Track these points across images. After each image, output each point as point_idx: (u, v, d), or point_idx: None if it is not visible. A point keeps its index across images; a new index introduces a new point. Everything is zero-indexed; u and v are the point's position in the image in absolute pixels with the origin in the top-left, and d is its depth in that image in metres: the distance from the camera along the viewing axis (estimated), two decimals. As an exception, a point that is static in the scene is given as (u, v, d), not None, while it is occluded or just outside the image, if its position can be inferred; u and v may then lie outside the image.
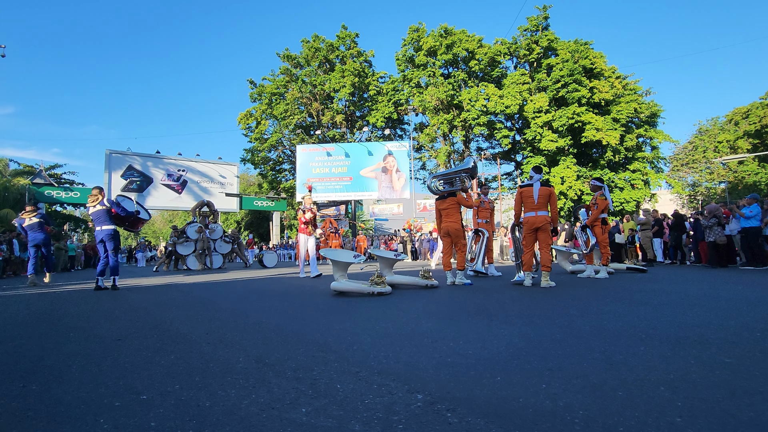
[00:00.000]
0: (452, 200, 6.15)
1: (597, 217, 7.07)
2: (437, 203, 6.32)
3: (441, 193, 6.33)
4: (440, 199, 6.29)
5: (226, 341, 2.57)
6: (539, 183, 5.70)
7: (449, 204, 6.15)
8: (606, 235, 7.31)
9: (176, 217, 54.91)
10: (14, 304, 4.91)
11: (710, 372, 1.75)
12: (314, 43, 28.81)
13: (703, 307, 3.48)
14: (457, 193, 6.17)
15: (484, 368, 1.88)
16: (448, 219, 6.13)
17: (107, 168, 24.17)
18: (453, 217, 6.12)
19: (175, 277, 9.93)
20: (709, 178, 33.01)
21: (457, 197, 6.14)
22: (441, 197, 6.29)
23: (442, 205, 6.22)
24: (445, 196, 6.22)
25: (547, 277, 5.40)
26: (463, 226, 6.27)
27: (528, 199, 5.68)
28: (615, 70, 25.55)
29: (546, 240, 5.59)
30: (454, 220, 6.11)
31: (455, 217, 6.12)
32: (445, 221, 6.16)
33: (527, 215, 5.69)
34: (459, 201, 6.12)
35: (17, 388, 1.76)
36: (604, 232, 7.24)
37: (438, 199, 6.33)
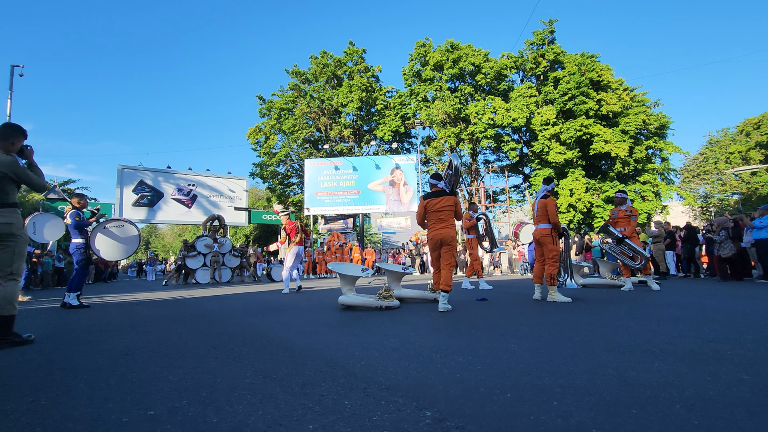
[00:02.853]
0: (449, 201, 4.85)
1: (634, 229, 6.95)
2: (429, 202, 4.90)
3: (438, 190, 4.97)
4: (433, 197, 4.91)
5: (234, 356, 2.56)
6: (541, 195, 5.64)
7: (444, 205, 4.83)
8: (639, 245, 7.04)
9: (186, 231, 55.38)
10: (25, 319, 4.96)
11: (727, 389, 1.70)
12: (322, 59, 29.30)
13: (719, 321, 3.40)
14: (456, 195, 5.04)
15: (494, 384, 1.85)
16: (441, 224, 4.83)
17: (119, 183, 24.55)
18: (448, 222, 4.85)
19: (184, 291, 9.98)
20: (721, 189, 32.56)
21: (455, 199, 4.92)
22: (434, 195, 4.92)
23: (436, 205, 4.84)
24: (439, 195, 4.90)
25: (554, 292, 5.27)
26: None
27: (532, 212, 5.74)
28: (622, 83, 25.55)
29: (548, 253, 5.44)
30: (449, 225, 4.85)
31: (450, 222, 4.87)
32: (438, 227, 4.84)
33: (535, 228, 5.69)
34: (456, 205, 4.90)
35: (27, 402, 1.77)
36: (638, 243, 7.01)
37: (430, 197, 4.94)
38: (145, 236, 79.58)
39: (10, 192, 3.15)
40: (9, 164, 3.11)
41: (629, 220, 7.01)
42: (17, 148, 3.27)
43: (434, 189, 4.96)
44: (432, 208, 4.86)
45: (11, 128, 3.26)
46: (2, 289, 3.08)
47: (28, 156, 3.37)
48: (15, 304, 3.12)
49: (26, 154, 3.36)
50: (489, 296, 6.21)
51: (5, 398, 1.83)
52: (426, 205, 4.91)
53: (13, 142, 3.23)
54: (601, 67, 24.67)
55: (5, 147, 3.18)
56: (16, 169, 3.14)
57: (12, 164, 3.12)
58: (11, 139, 3.22)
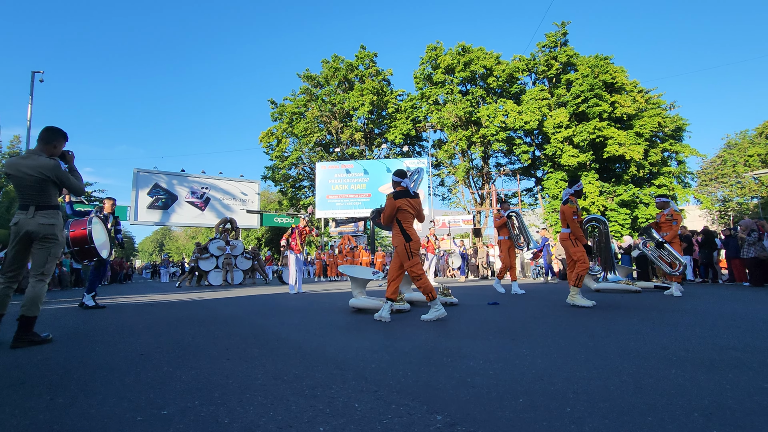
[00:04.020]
0: (418, 203, 4.45)
1: (676, 233, 6.81)
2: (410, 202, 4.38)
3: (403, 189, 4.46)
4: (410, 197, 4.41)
5: (246, 357, 2.58)
6: (566, 198, 5.56)
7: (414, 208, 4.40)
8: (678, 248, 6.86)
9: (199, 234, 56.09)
10: (44, 319, 5.06)
11: (748, 398, 1.66)
12: (334, 63, 29.50)
13: (738, 327, 3.32)
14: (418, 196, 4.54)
15: (505, 389, 1.83)
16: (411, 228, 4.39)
17: (134, 186, 24.99)
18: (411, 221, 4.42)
19: (197, 293, 10.09)
20: (740, 193, 31.80)
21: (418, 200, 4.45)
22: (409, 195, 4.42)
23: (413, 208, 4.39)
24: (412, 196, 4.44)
25: (575, 294, 5.16)
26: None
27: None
28: (637, 84, 25.17)
29: (572, 255, 5.42)
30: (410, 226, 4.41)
31: (396, 227, 4.40)
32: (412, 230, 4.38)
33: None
34: (416, 207, 4.42)
35: (45, 400, 1.81)
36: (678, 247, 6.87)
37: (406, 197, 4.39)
38: (159, 238, 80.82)
39: (53, 195, 3.24)
40: (53, 168, 3.19)
41: (671, 225, 6.84)
42: (59, 152, 3.35)
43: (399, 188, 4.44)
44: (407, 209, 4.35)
45: (54, 132, 3.32)
46: (31, 289, 3.17)
47: (69, 161, 3.46)
48: (39, 306, 3.21)
49: (68, 158, 3.44)
50: (500, 299, 6.15)
51: (24, 396, 1.88)
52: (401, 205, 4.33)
53: (56, 145, 3.32)
54: (615, 69, 24.34)
55: (48, 150, 3.27)
56: (59, 172, 3.22)
57: (55, 168, 3.20)
58: (54, 142, 3.30)
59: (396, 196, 4.34)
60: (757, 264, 9.07)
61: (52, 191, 3.21)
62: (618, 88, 24.11)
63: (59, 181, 3.21)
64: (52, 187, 3.20)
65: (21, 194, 3.15)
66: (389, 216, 4.38)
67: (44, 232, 3.13)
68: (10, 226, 3.16)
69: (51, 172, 3.17)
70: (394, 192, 4.43)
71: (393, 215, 4.35)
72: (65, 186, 3.25)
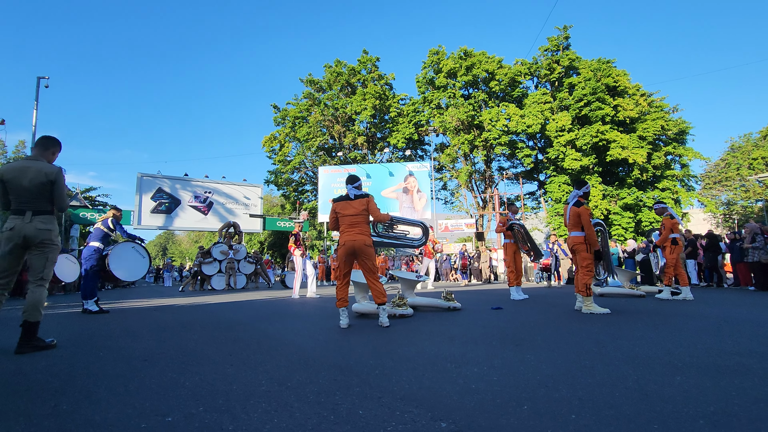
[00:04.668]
0: (362, 204, 4.35)
1: (666, 238, 6.95)
2: (340, 205, 4.41)
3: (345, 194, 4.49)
4: (344, 200, 4.44)
5: (249, 363, 2.58)
6: (573, 201, 5.37)
7: (358, 209, 4.34)
8: (675, 255, 6.95)
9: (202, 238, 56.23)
10: (48, 324, 5.08)
11: (753, 404, 1.64)
12: (336, 67, 29.61)
13: (744, 333, 3.30)
14: (370, 196, 4.43)
15: (510, 396, 1.82)
16: (354, 230, 4.29)
17: (138, 190, 25.10)
18: (360, 227, 4.31)
19: (200, 297, 10.11)
20: (744, 196, 31.64)
21: (368, 199, 4.39)
22: (346, 198, 4.45)
23: (347, 210, 4.35)
24: (352, 198, 4.41)
25: (589, 303, 4.97)
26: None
27: (564, 218, 5.50)
28: (639, 88, 25.14)
29: (581, 262, 5.18)
30: (363, 231, 4.32)
31: (363, 229, 4.33)
32: (350, 233, 4.29)
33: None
34: (370, 208, 4.34)
35: (49, 407, 1.81)
36: (673, 252, 6.94)
37: (341, 200, 4.46)
38: (162, 242, 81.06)
39: (49, 200, 3.27)
40: (57, 173, 3.26)
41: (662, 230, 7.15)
42: (55, 159, 3.44)
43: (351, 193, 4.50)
44: (343, 212, 4.39)
45: (51, 140, 3.42)
46: (31, 295, 3.18)
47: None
48: (41, 310, 3.22)
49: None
50: (503, 305, 6.13)
51: (29, 402, 1.88)
52: (335, 209, 4.44)
53: (54, 152, 3.41)
54: (618, 72, 24.33)
55: (47, 157, 3.34)
56: (61, 178, 3.29)
57: (59, 173, 3.28)
58: (52, 149, 3.40)
59: (333, 200, 4.55)
60: (762, 268, 9.02)
61: (49, 197, 3.25)
62: (620, 91, 24.08)
63: (58, 186, 3.25)
64: (49, 192, 3.23)
65: (17, 199, 3.16)
66: (333, 220, 4.51)
67: (42, 237, 3.16)
68: (3, 231, 3.16)
69: (55, 176, 3.23)
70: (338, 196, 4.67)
71: (334, 219, 4.49)
72: (58, 193, 3.27)
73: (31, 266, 3.22)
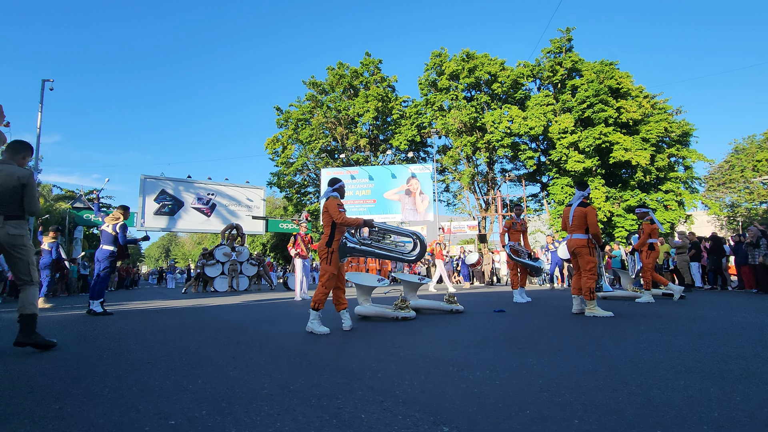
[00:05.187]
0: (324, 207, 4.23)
1: (644, 242, 7.01)
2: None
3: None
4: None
5: (252, 366, 2.59)
6: (578, 203, 5.32)
7: (322, 212, 4.27)
8: (651, 260, 7.10)
9: (205, 240, 56.37)
10: (52, 325, 5.11)
11: (758, 410, 1.64)
12: (339, 70, 29.68)
13: (748, 337, 3.28)
14: (329, 197, 4.24)
15: (512, 400, 1.82)
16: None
17: (141, 192, 25.21)
18: (324, 230, 4.19)
19: (203, 299, 10.13)
20: (748, 198, 31.48)
21: (327, 201, 4.20)
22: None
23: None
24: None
25: (593, 306, 4.95)
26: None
27: (565, 220, 5.41)
28: (642, 90, 25.09)
29: (584, 265, 5.13)
30: (323, 235, 4.20)
31: (325, 232, 4.18)
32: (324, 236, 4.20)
33: (566, 238, 5.48)
34: (329, 210, 4.12)
35: (54, 410, 1.82)
36: (650, 257, 7.08)
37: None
38: (165, 244, 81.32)
39: (20, 204, 3.30)
40: (29, 176, 3.31)
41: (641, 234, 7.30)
42: (26, 163, 3.48)
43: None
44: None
45: (22, 144, 3.47)
46: (23, 293, 3.28)
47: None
48: (35, 304, 3.29)
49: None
50: (506, 308, 6.12)
51: (34, 405, 1.89)
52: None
53: (24, 156, 3.45)
54: (621, 74, 24.29)
55: (17, 161, 3.38)
56: (32, 180, 3.33)
57: (31, 176, 3.33)
58: (23, 152, 3.44)
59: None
60: (766, 271, 8.97)
61: (20, 201, 3.27)
62: (623, 93, 24.04)
63: (30, 188, 3.28)
64: (20, 196, 3.26)
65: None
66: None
67: (14, 242, 3.22)
68: None
69: (27, 179, 3.26)
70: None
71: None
72: (29, 196, 3.29)
73: (17, 270, 3.28)
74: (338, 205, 4.12)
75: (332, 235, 4.12)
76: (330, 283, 4.10)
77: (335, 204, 4.12)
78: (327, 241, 4.11)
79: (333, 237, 4.12)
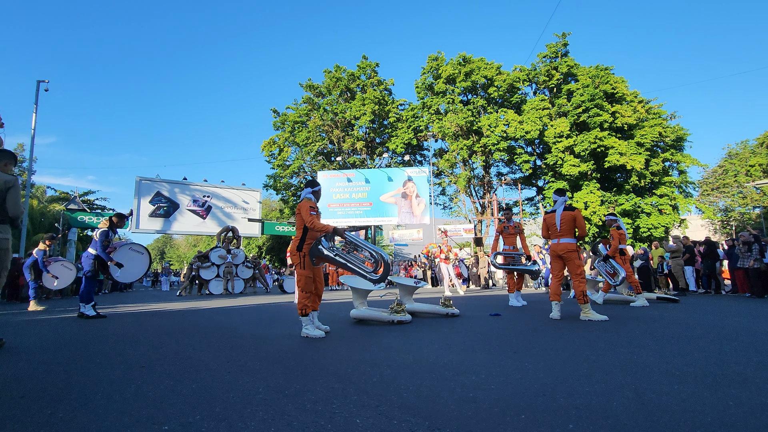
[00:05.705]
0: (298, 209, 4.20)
1: (616, 248, 7.12)
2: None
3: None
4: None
5: (247, 370, 2.58)
6: (562, 207, 5.37)
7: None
8: (627, 264, 7.38)
9: (200, 242, 56.11)
10: (45, 328, 5.06)
11: (750, 414, 1.65)
12: (336, 73, 29.74)
13: (742, 341, 3.30)
14: (304, 198, 4.25)
15: (507, 405, 1.82)
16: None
17: (137, 194, 25.05)
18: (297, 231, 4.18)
19: (198, 302, 10.08)
20: (742, 202, 31.77)
21: (300, 204, 4.19)
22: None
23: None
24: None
25: (588, 310, 4.97)
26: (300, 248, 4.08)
27: (552, 226, 5.38)
28: (637, 95, 25.31)
29: (575, 270, 5.18)
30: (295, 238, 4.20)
31: (296, 235, 4.18)
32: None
33: (551, 242, 5.45)
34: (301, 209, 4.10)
35: (45, 415, 1.80)
36: (625, 263, 7.30)
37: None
38: (160, 246, 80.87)
39: (2, 209, 3.33)
40: (14, 180, 3.36)
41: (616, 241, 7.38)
42: (9, 170, 3.52)
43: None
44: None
45: (4, 152, 3.54)
46: None
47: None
48: None
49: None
50: (501, 311, 6.13)
51: (25, 410, 1.87)
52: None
53: (6, 164, 3.50)
54: (616, 79, 24.50)
55: (1, 168, 3.41)
56: (17, 184, 3.38)
57: (15, 181, 3.37)
58: (5, 160, 3.49)
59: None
60: (759, 275, 9.03)
61: (2, 206, 3.31)
62: (618, 98, 24.25)
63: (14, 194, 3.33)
64: (3, 201, 3.30)
65: None
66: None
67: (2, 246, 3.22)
68: None
69: (12, 183, 3.33)
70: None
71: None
72: (12, 202, 3.34)
73: None
74: (311, 208, 4.06)
75: (303, 239, 4.05)
76: (308, 287, 4.05)
77: (308, 206, 4.05)
78: (298, 245, 4.05)
79: (304, 241, 4.05)
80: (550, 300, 5.34)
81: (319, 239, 4.06)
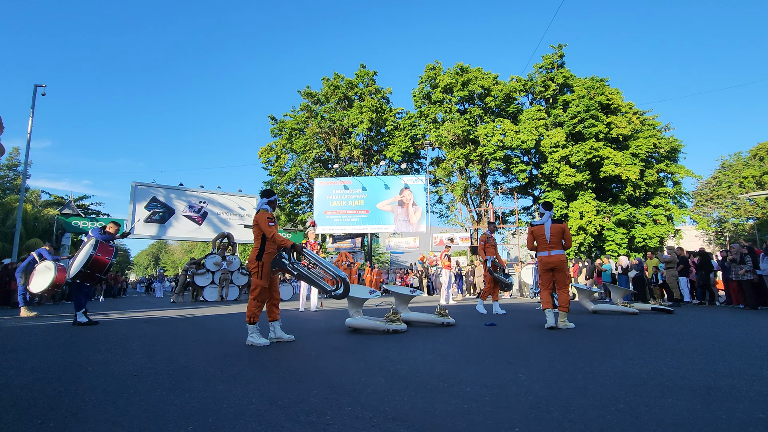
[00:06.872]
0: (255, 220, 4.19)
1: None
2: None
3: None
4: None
5: (240, 379, 2.56)
6: (551, 220, 5.46)
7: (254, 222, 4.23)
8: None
9: (195, 248, 55.81)
10: (37, 335, 5.00)
11: (743, 429, 1.65)
12: (334, 80, 29.91)
13: (735, 354, 3.32)
14: (260, 209, 4.23)
15: (501, 417, 1.82)
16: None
17: (132, 199, 24.95)
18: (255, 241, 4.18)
19: (192, 309, 10.00)
20: (735, 213, 32.03)
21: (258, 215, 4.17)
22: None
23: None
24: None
25: (565, 318, 5.16)
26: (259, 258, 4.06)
27: (540, 237, 5.45)
28: (632, 106, 25.58)
29: (564, 280, 5.37)
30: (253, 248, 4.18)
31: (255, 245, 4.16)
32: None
33: (540, 254, 5.46)
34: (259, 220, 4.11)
35: (36, 424, 1.78)
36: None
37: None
38: (155, 252, 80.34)
39: None
40: None
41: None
42: None
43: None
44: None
45: None
46: None
47: None
48: None
49: None
50: (497, 321, 6.12)
51: (16, 420, 1.85)
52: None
53: None
54: (611, 90, 24.78)
55: None
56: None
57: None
58: None
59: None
60: (752, 287, 9.08)
61: None
62: (613, 109, 24.50)
63: None
64: None
65: None
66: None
67: None
68: None
69: None
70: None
71: None
72: None
73: None
74: (268, 219, 4.11)
75: (262, 249, 4.08)
76: (262, 297, 4.12)
77: (265, 217, 4.10)
78: (257, 255, 4.07)
79: (263, 250, 4.08)
80: (543, 309, 5.38)
81: (281, 252, 4.09)
